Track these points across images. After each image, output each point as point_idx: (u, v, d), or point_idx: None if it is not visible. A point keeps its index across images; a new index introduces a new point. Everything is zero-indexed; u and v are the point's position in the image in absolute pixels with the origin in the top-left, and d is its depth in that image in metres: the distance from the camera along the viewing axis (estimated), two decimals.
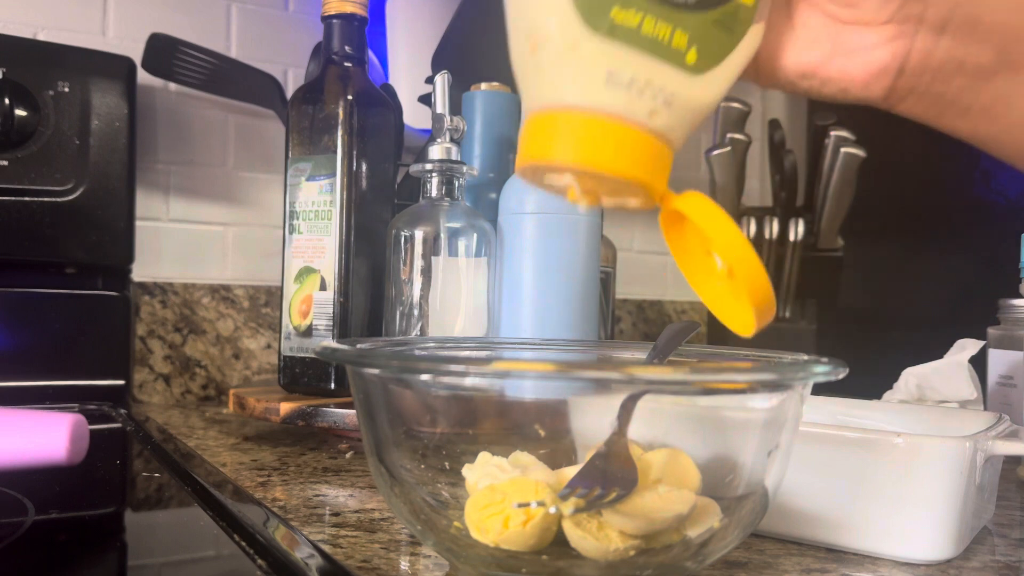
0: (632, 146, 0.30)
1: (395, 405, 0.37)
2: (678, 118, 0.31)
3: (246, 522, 0.43)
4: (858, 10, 0.33)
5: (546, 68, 0.31)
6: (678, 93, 0.31)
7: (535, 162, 0.31)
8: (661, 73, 0.30)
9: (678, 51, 0.30)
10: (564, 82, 0.30)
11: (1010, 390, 0.66)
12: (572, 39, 0.30)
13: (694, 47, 0.31)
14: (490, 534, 0.33)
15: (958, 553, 0.41)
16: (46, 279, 0.82)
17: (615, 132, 0.30)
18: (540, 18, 0.30)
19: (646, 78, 0.30)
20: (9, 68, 0.77)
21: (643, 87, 0.30)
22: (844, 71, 0.34)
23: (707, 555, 0.35)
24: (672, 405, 0.38)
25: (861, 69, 0.33)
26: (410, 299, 0.65)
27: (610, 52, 0.30)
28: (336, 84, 0.68)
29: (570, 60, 0.30)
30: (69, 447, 0.50)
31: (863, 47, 0.33)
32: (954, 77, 0.34)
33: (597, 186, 0.32)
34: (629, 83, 0.30)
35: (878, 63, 0.33)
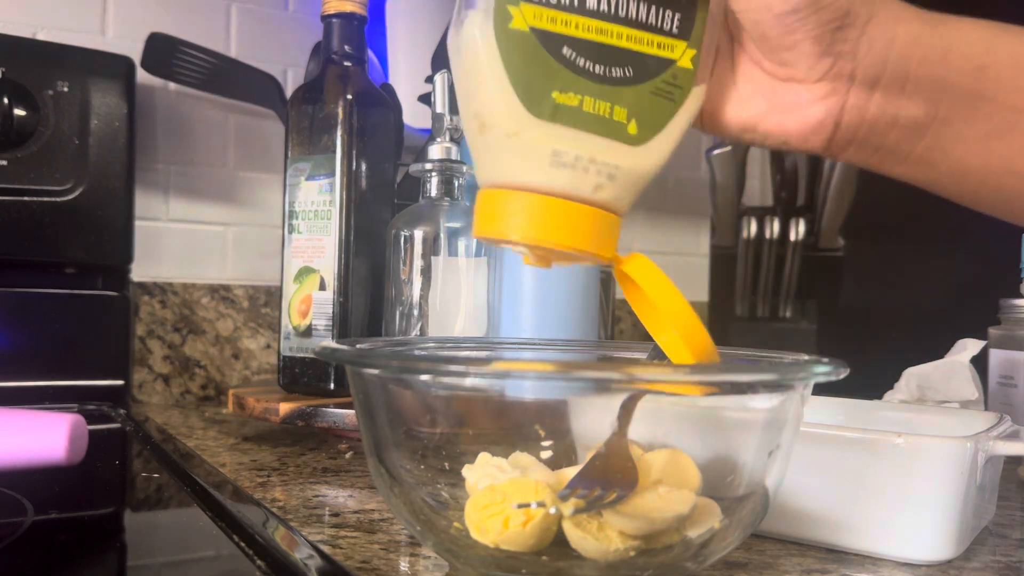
0: (579, 220, 0.32)
1: (395, 405, 0.37)
2: (623, 188, 0.33)
3: (245, 522, 0.43)
4: (792, 69, 0.34)
5: (493, 149, 0.32)
6: (621, 165, 0.32)
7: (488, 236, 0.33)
8: (604, 148, 0.32)
9: (619, 125, 0.32)
10: (511, 163, 0.32)
11: (1011, 390, 0.66)
12: (516, 124, 0.31)
13: (634, 119, 0.32)
14: (490, 535, 0.33)
15: (959, 553, 0.41)
16: (45, 279, 0.82)
17: (562, 209, 0.32)
18: (485, 103, 0.32)
19: (589, 155, 0.32)
20: (9, 68, 0.77)
21: (587, 164, 0.32)
22: (782, 126, 0.35)
23: (707, 555, 0.35)
24: (672, 405, 0.38)
25: (798, 124, 0.35)
26: (410, 299, 0.65)
27: (553, 133, 0.31)
28: (336, 84, 0.68)
29: (515, 142, 0.31)
30: (68, 447, 0.50)
31: (798, 103, 0.35)
32: (889, 130, 0.35)
33: (547, 253, 0.34)
34: (574, 162, 0.31)
35: (813, 119, 0.35)
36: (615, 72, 0.32)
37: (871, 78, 0.34)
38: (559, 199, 0.32)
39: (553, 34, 0.31)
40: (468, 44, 0.32)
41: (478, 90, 0.32)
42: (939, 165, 0.36)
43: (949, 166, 0.36)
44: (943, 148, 0.36)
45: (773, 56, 0.34)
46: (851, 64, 0.33)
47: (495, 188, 0.33)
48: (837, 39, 0.33)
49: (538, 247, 0.33)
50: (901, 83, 0.34)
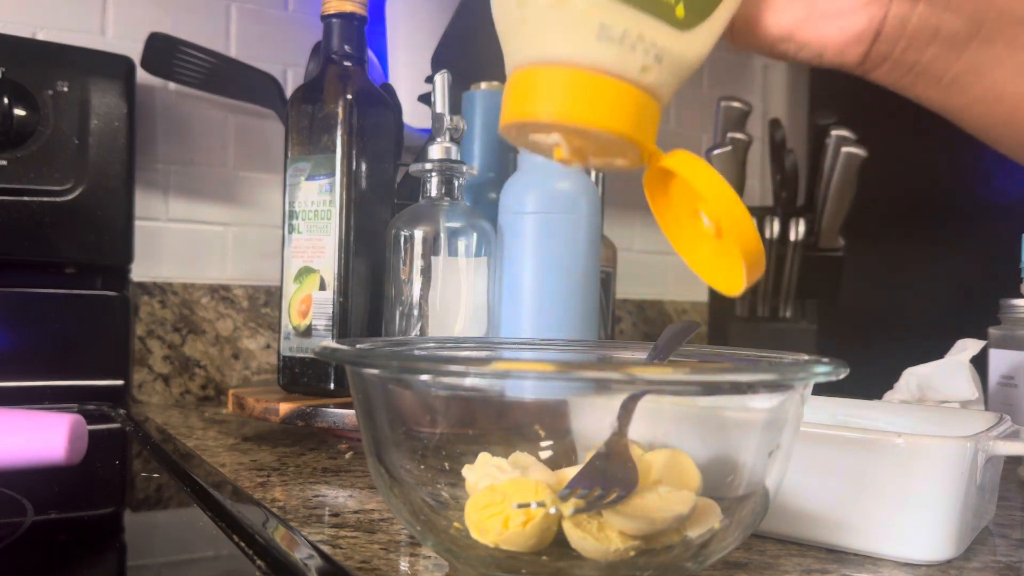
0: (624, 102, 0.29)
1: (395, 405, 0.37)
2: (668, 74, 0.30)
3: (245, 523, 0.43)
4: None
5: (534, 22, 0.30)
6: (668, 48, 0.30)
7: (523, 119, 0.30)
8: (652, 28, 0.30)
9: (667, 5, 0.30)
10: (554, 36, 0.29)
11: (1011, 390, 0.66)
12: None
13: (682, 2, 0.30)
14: (490, 535, 0.33)
15: (959, 553, 0.41)
16: (45, 279, 0.82)
17: (607, 87, 0.29)
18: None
19: (638, 32, 0.29)
20: (8, 68, 0.77)
21: (635, 42, 0.29)
22: (820, 35, 0.34)
23: (707, 556, 0.35)
24: (672, 405, 0.38)
25: (837, 34, 0.33)
26: (410, 299, 0.65)
27: (602, 5, 0.29)
28: (336, 83, 0.68)
29: (560, 13, 0.29)
30: (68, 447, 0.50)
31: (840, 11, 0.33)
32: (928, 45, 0.34)
33: (585, 144, 0.31)
34: (621, 37, 0.29)
35: (854, 28, 0.33)
36: None
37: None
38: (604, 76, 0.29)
39: None
40: None
41: None
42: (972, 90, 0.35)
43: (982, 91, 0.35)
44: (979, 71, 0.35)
45: None
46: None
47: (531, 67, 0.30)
48: None
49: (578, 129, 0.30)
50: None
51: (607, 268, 0.80)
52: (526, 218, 0.65)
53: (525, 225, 0.65)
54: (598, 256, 0.67)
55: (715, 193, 0.30)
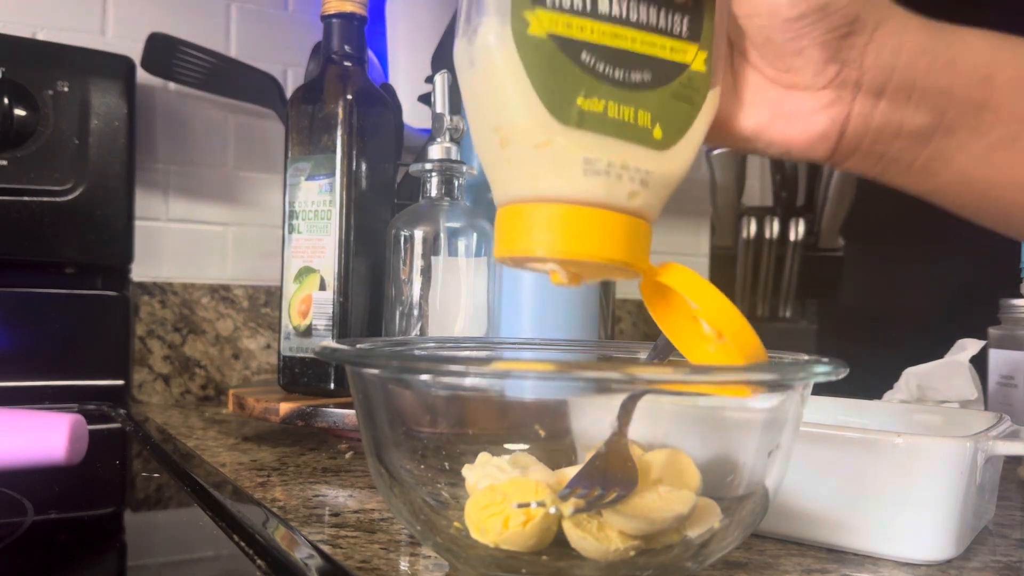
0: (614, 230, 0.31)
1: (395, 405, 0.37)
2: (654, 195, 0.31)
3: (246, 522, 0.43)
4: (797, 75, 0.33)
5: (518, 162, 0.31)
6: (652, 171, 0.31)
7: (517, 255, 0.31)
8: (633, 154, 0.31)
9: (645, 130, 0.31)
10: (540, 174, 0.30)
11: (1011, 390, 0.66)
12: (545, 132, 0.30)
13: (658, 124, 0.31)
14: (490, 534, 0.33)
15: (958, 553, 0.41)
16: (45, 279, 0.82)
17: (596, 219, 0.30)
18: (508, 113, 0.30)
19: (621, 161, 0.30)
20: (8, 68, 0.77)
21: (620, 171, 0.30)
22: (786, 135, 0.35)
23: (707, 555, 0.35)
24: (672, 405, 0.38)
25: (803, 133, 0.34)
26: (410, 299, 0.65)
27: (584, 140, 0.30)
28: (336, 84, 0.68)
29: (545, 153, 0.30)
30: (68, 447, 0.50)
31: (803, 112, 0.34)
32: (894, 139, 0.35)
33: (581, 270, 0.32)
34: (607, 168, 0.30)
35: (818, 128, 0.34)
36: (634, 77, 0.31)
37: (877, 86, 0.33)
38: (592, 208, 0.30)
39: (571, 40, 0.30)
40: (484, 53, 0.30)
41: (499, 101, 0.30)
42: (941, 175, 0.36)
43: (951, 176, 0.36)
44: (946, 158, 0.35)
45: (778, 62, 0.33)
46: (857, 72, 0.33)
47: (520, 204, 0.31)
48: (844, 46, 0.32)
49: (574, 262, 0.31)
50: (907, 92, 0.34)
51: None
52: None
53: None
54: None
55: (711, 305, 0.32)
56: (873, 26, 0.33)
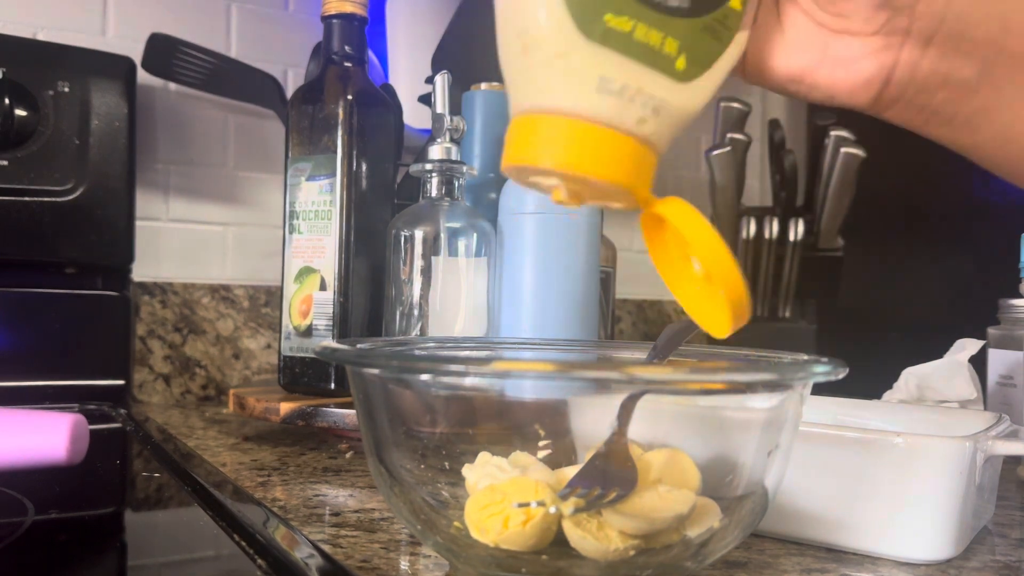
0: (619, 152, 0.30)
1: (395, 405, 0.37)
2: (665, 125, 0.31)
3: (246, 522, 0.43)
4: (847, 20, 0.33)
5: (536, 71, 0.31)
6: (667, 100, 0.31)
7: (523, 164, 0.31)
8: (651, 80, 0.30)
9: (668, 58, 0.30)
10: (555, 86, 0.30)
11: (1010, 390, 0.66)
12: (565, 44, 0.30)
13: (684, 54, 0.31)
14: (490, 534, 0.33)
15: (958, 553, 0.41)
16: (46, 279, 0.82)
17: (603, 138, 0.30)
18: (533, 20, 0.30)
19: (637, 85, 0.30)
20: (9, 68, 0.77)
21: (634, 94, 0.30)
22: (832, 79, 0.34)
23: (707, 555, 0.35)
24: (672, 405, 0.38)
25: (848, 78, 0.34)
26: (410, 299, 0.65)
27: (602, 58, 0.30)
28: (336, 84, 0.68)
29: (562, 65, 0.30)
30: (69, 447, 0.50)
31: (851, 57, 0.34)
32: (939, 89, 0.35)
33: (582, 189, 0.32)
34: (620, 90, 0.30)
35: (865, 74, 0.34)
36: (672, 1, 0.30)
37: (927, 34, 0.33)
38: (601, 127, 0.30)
39: None
40: None
41: (526, 5, 0.30)
42: (983, 130, 0.36)
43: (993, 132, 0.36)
44: (990, 113, 0.35)
45: (829, 6, 0.33)
46: (907, 19, 0.33)
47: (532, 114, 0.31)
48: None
49: (575, 177, 0.31)
50: (956, 42, 0.33)
51: (607, 268, 0.80)
52: (526, 218, 0.65)
53: (525, 225, 0.65)
54: (598, 256, 0.67)
55: (704, 242, 0.31)
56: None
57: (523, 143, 0.31)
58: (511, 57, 0.31)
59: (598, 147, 0.30)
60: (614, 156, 0.30)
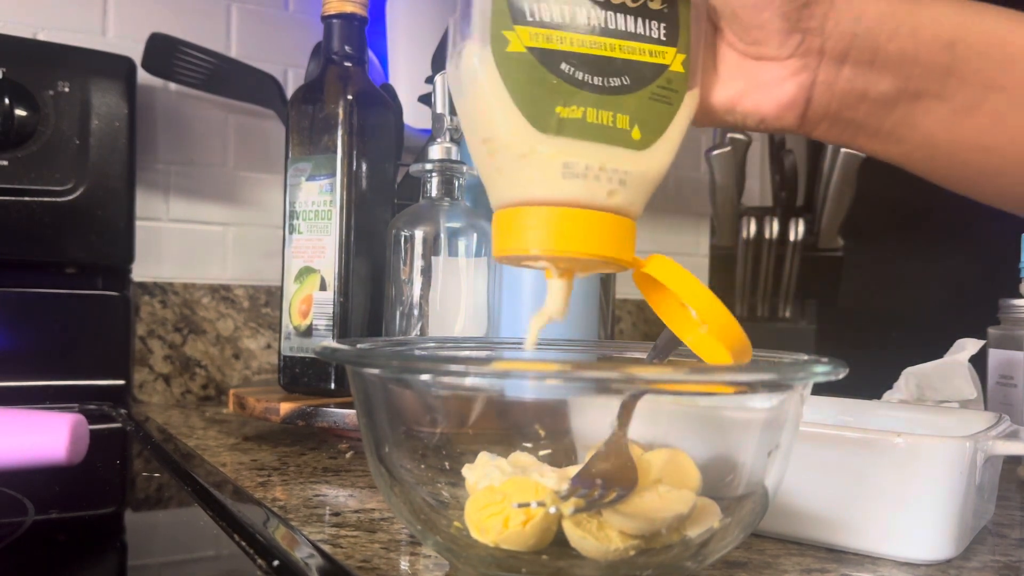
0: (597, 227, 0.33)
1: (395, 405, 0.37)
2: (634, 192, 0.33)
3: (246, 522, 0.43)
4: (763, 47, 0.35)
5: (505, 170, 0.33)
6: (630, 170, 0.33)
7: (512, 255, 0.34)
8: (611, 156, 0.33)
9: (623, 132, 0.33)
10: (525, 180, 0.33)
11: (1010, 390, 0.66)
12: (527, 142, 0.32)
13: (636, 125, 0.33)
14: (490, 534, 0.33)
15: (958, 553, 0.41)
16: (46, 279, 0.82)
17: (579, 218, 0.32)
18: (493, 127, 0.33)
19: (599, 164, 0.32)
20: (9, 68, 0.77)
21: (598, 172, 0.32)
22: (758, 104, 0.36)
23: (707, 555, 0.35)
24: (672, 405, 0.38)
25: (772, 102, 0.36)
26: (410, 299, 0.65)
27: (562, 147, 0.32)
28: (336, 84, 0.68)
29: (527, 161, 0.32)
30: (69, 447, 0.50)
31: (772, 81, 0.36)
32: (859, 104, 0.36)
33: (571, 265, 0.34)
34: (585, 171, 0.32)
35: (787, 95, 0.36)
36: (613, 82, 0.33)
37: (840, 53, 0.35)
38: (577, 209, 0.32)
39: (550, 51, 0.32)
40: (469, 74, 0.33)
41: (484, 117, 0.33)
42: (908, 140, 0.37)
43: (918, 141, 0.37)
44: (912, 123, 0.37)
45: (745, 35, 0.35)
46: (819, 40, 0.35)
47: (510, 208, 0.33)
48: (804, 15, 0.34)
49: (561, 258, 0.33)
50: (870, 58, 0.35)
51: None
52: None
53: None
54: None
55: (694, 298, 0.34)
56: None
57: (508, 235, 0.34)
58: (481, 160, 0.34)
59: (577, 227, 0.33)
60: (593, 232, 0.33)
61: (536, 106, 0.32)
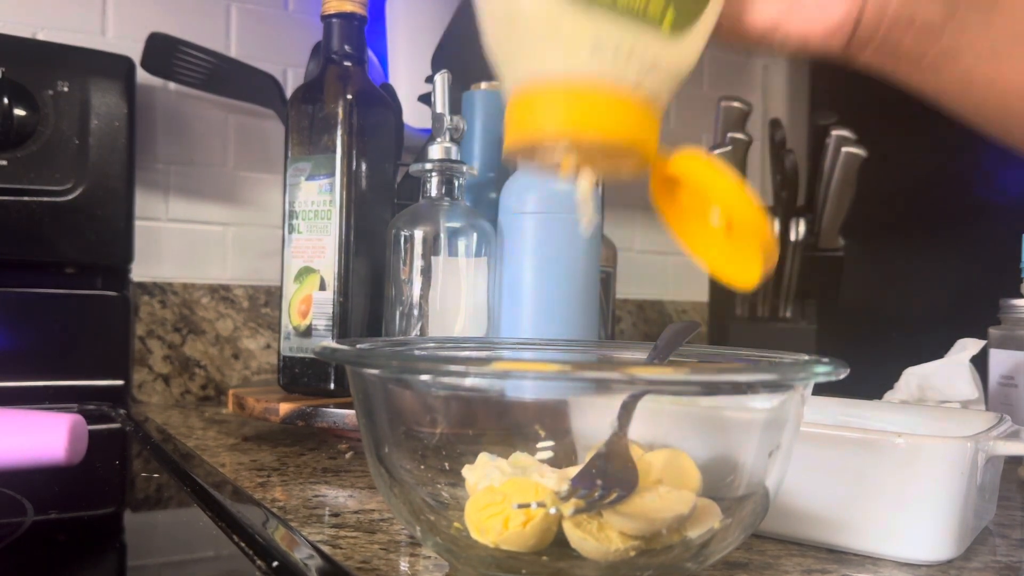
0: (624, 110, 0.30)
1: (395, 405, 0.37)
2: (662, 81, 0.31)
3: (245, 522, 0.43)
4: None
5: (529, 43, 0.31)
6: (660, 56, 0.31)
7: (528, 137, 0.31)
8: (643, 39, 0.31)
9: (655, 16, 0.31)
10: (550, 53, 0.30)
11: (1011, 390, 0.66)
12: (555, 11, 0.30)
13: (670, 11, 0.31)
14: (490, 535, 0.33)
15: (959, 554, 0.41)
16: (46, 279, 0.82)
17: (606, 97, 0.30)
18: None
19: (630, 44, 0.30)
20: (9, 68, 0.77)
21: (628, 53, 0.30)
22: (804, 26, 0.35)
23: (708, 556, 0.35)
24: (672, 405, 0.38)
25: (820, 23, 0.35)
26: (410, 299, 0.65)
27: (593, 20, 0.30)
28: (336, 84, 0.68)
29: (554, 32, 0.30)
30: (68, 447, 0.50)
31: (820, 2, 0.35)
32: (906, 31, 0.35)
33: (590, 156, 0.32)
34: (615, 50, 0.30)
35: (835, 17, 0.35)
36: None
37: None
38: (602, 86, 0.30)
39: None
40: None
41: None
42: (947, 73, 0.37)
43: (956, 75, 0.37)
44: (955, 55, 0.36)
45: None
46: None
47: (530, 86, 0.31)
48: None
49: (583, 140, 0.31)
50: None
51: (607, 268, 0.80)
52: (526, 218, 0.65)
53: (525, 225, 0.65)
54: (598, 256, 0.67)
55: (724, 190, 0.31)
56: None
57: (525, 119, 0.31)
58: (500, 35, 0.31)
59: (602, 106, 0.30)
60: (619, 113, 0.30)
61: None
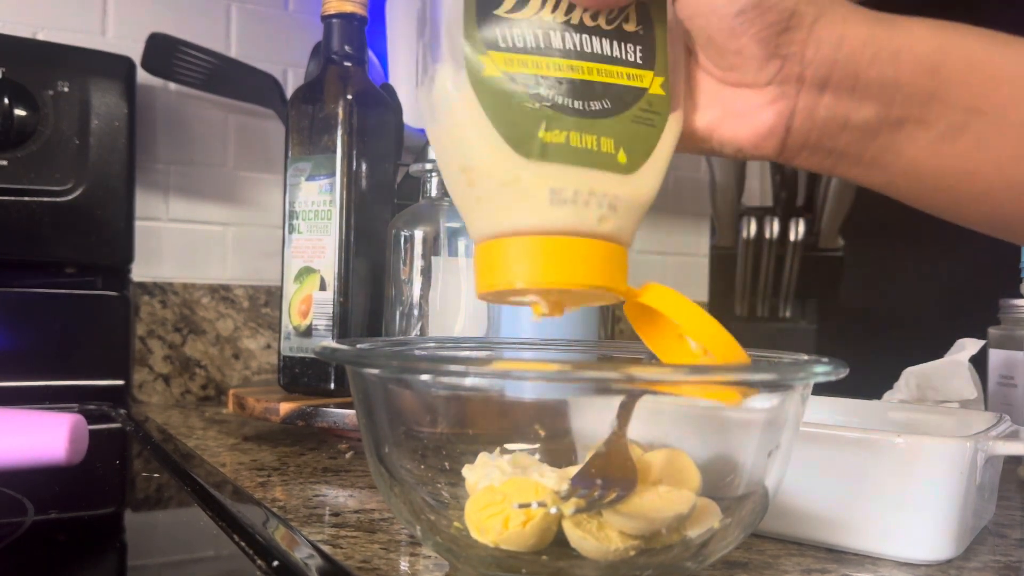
0: (588, 256, 0.31)
1: (395, 405, 0.37)
2: (625, 217, 0.32)
3: (246, 522, 0.43)
4: (740, 73, 0.34)
5: (486, 200, 0.31)
6: (620, 194, 0.31)
7: (497, 288, 0.32)
8: (599, 180, 0.31)
9: (609, 155, 0.31)
10: (508, 210, 0.31)
11: (1011, 390, 0.66)
12: (510, 169, 0.30)
13: (622, 148, 0.32)
14: (490, 534, 0.33)
15: (958, 553, 0.41)
16: (46, 279, 0.82)
17: (569, 246, 0.31)
18: (474, 154, 0.31)
19: (588, 189, 0.31)
20: (9, 68, 0.77)
21: (587, 197, 0.31)
22: (735, 132, 0.35)
23: (707, 555, 0.35)
24: (672, 405, 0.38)
25: (750, 130, 0.35)
26: (410, 299, 0.65)
27: (548, 172, 0.30)
28: (336, 84, 0.68)
29: (512, 189, 0.30)
30: (68, 447, 0.50)
31: (750, 109, 0.34)
32: (841, 132, 0.35)
33: (561, 298, 0.33)
34: (573, 197, 0.31)
35: (765, 124, 0.34)
36: (593, 105, 0.31)
37: (820, 80, 0.33)
38: (567, 236, 0.31)
39: (527, 75, 0.31)
40: (443, 100, 0.31)
41: (462, 144, 0.31)
42: (892, 167, 0.36)
43: (902, 168, 0.36)
44: (896, 150, 0.35)
45: (721, 61, 0.34)
46: (799, 66, 0.33)
47: (495, 240, 0.32)
48: (783, 41, 0.33)
49: (552, 291, 0.31)
50: (851, 84, 0.34)
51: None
52: None
53: None
54: None
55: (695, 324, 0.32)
56: (812, 20, 0.33)
57: (492, 269, 0.32)
58: (459, 191, 0.32)
59: (566, 256, 0.31)
60: (584, 261, 0.31)
61: (517, 131, 0.30)
